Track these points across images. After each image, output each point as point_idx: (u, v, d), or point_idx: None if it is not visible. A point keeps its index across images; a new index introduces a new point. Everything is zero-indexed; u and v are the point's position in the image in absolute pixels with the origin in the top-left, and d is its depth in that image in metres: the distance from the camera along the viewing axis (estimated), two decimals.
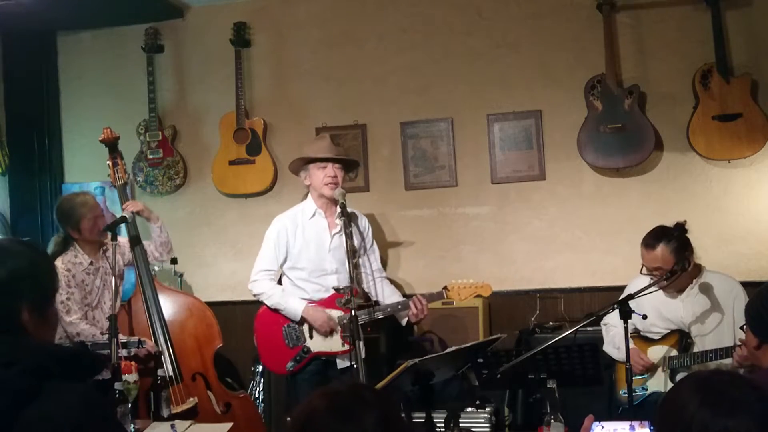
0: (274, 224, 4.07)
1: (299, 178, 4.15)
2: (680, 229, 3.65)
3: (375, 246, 4.24)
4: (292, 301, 3.96)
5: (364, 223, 4.20)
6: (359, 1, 5.13)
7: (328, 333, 3.92)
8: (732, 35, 4.55)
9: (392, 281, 4.97)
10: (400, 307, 3.98)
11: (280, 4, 5.25)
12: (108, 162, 4.22)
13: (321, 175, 3.95)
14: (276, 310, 4.00)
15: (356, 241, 3.99)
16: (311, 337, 3.97)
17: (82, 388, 1.66)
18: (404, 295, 4.32)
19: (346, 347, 3.84)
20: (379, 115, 5.08)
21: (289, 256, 4.02)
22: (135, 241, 4.14)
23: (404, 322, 4.08)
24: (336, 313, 3.94)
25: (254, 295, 4.06)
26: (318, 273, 4.00)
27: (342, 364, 3.95)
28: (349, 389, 1.58)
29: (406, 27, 5.04)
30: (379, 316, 3.96)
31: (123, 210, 4.10)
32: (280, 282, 4.12)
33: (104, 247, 4.12)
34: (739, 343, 3.48)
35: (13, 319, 1.72)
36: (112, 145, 4.20)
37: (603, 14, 4.64)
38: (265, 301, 4.01)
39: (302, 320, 3.96)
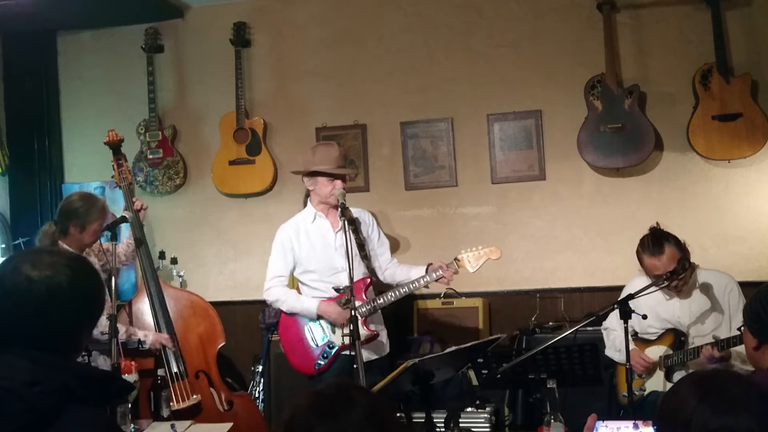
0: (277, 234, 4.09)
1: (300, 179, 4.14)
2: (659, 229, 3.69)
3: (383, 238, 4.22)
4: (305, 301, 3.99)
5: (367, 219, 4.19)
6: (359, 1, 5.13)
7: (347, 323, 3.88)
8: (732, 35, 4.55)
9: None
10: (426, 280, 3.95)
11: (280, 4, 5.24)
12: (113, 164, 4.22)
13: (330, 187, 3.96)
14: (292, 314, 4.01)
15: (362, 238, 4.00)
16: (333, 332, 3.96)
17: (104, 416, 1.61)
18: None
19: (369, 333, 3.85)
20: (379, 115, 5.08)
21: (298, 261, 4.05)
22: (139, 241, 4.16)
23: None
24: (356, 303, 3.90)
25: (269, 303, 4.08)
26: (329, 272, 4.01)
27: (368, 356, 3.88)
28: (337, 388, 1.57)
29: (406, 27, 5.04)
30: (405, 292, 3.93)
31: (134, 206, 4.12)
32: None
33: (87, 250, 4.08)
34: (712, 340, 3.50)
35: (74, 342, 1.67)
36: (116, 147, 4.21)
37: (603, 14, 4.64)
38: (281, 307, 4.02)
39: (319, 316, 3.97)
